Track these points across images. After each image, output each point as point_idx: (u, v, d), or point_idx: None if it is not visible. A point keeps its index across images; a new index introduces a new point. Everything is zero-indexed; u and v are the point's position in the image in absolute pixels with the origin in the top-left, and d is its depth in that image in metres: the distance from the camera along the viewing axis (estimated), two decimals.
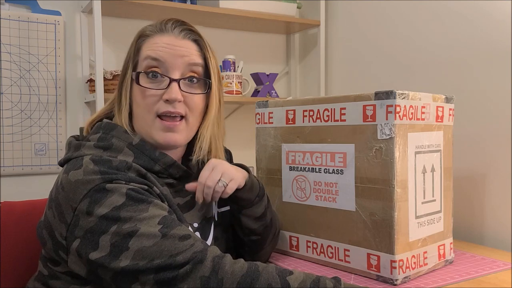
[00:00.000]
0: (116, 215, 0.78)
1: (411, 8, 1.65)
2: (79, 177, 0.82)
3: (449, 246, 1.12)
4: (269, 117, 1.23)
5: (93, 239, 0.78)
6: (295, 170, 1.17)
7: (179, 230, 0.79)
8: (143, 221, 0.78)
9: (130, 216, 0.78)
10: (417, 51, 1.63)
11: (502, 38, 1.34)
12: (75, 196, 0.80)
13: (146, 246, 0.76)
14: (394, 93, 0.96)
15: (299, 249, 1.17)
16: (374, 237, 1.00)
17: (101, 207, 0.78)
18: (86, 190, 0.80)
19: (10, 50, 1.68)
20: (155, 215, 0.79)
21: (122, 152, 0.89)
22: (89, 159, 0.84)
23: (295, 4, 2.04)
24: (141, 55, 0.94)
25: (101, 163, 0.83)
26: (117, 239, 0.77)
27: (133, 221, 0.77)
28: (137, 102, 0.93)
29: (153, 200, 0.82)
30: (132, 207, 0.79)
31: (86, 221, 0.79)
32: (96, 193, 0.80)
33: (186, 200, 0.98)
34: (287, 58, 2.27)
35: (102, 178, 0.81)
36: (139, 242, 0.76)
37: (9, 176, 1.70)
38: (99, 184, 0.80)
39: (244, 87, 1.99)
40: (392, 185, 0.97)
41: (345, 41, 1.99)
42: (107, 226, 0.77)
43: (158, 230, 0.77)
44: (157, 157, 0.92)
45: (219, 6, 1.83)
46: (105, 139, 0.90)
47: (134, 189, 0.81)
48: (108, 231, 0.77)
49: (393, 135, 0.97)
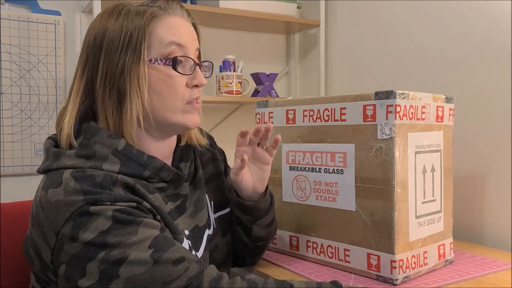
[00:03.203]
0: (103, 241, 0.72)
1: (411, 8, 1.65)
2: (59, 197, 0.74)
3: (449, 246, 1.12)
4: (269, 117, 1.23)
5: (79, 265, 0.72)
6: (295, 170, 1.17)
7: (172, 252, 0.73)
8: (133, 246, 0.72)
9: (118, 242, 0.72)
10: (417, 51, 1.63)
11: (502, 38, 1.34)
12: (57, 219, 0.74)
13: (137, 274, 0.71)
14: (394, 93, 0.96)
15: (299, 249, 1.17)
16: (374, 237, 1.00)
17: (86, 232, 0.72)
18: (69, 213, 0.73)
19: (10, 50, 1.68)
20: (145, 237, 0.73)
21: (107, 160, 0.81)
22: (70, 175, 0.76)
23: (295, 4, 2.04)
24: (158, 39, 0.84)
25: (83, 180, 0.75)
26: (105, 266, 0.71)
27: (122, 247, 0.72)
28: (159, 91, 0.84)
29: (142, 220, 0.75)
30: (120, 230, 0.73)
31: (71, 247, 0.73)
32: (80, 216, 0.73)
33: (177, 205, 0.92)
34: (287, 58, 2.27)
35: (84, 200, 0.73)
36: (129, 269, 0.71)
37: (9, 176, 1.71)
38: (82, 206, 0.73)
39: (244, 87, 1.99)
40: (392, 185, 0.97)
41: (345, 41, 1.99)
42: (94, 252, 0.72)
43: (149, 255, 0.72)
44: (146, 162, 0.84)
45: (219, 6, 1.83)
46: (87, 146, 0.81)
47: (121, 210, 0.74)
48: (96, 258, 0.71)
49: (393, 135, 0.97)
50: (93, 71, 0.84)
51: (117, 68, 0.81)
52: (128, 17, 0.83)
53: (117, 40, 0.82)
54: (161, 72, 0.84)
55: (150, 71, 0.83)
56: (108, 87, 0.82)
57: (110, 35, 0.82)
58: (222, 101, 1.97)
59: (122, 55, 0.81)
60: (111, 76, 0.82)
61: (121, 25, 0.82)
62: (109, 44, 0.82)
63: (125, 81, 0.81)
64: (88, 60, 0.84)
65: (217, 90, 1.95)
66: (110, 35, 0.82)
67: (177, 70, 0.85)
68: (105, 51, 0.82)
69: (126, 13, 0.83)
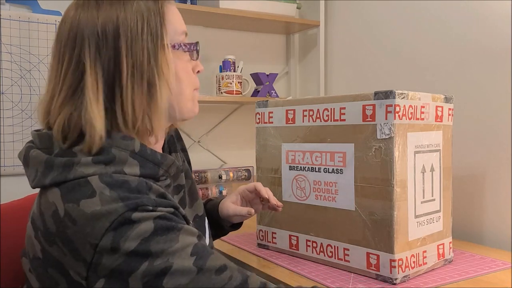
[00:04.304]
0: (146, 250, 0.67)
1: (411, 8, 1.65)
2: (96, 207, 0.68)
3: (449, 246, 1.13)
4: (269, 116, 1.23)
5: (121, 278, 0.67)
6: (295, 170, 1.17)
7: (213, 260, 0.70)
8: (175, 254, 0.68)
9: (161, 250, 0.68)
10: (417, 51, 1.63)
11: (502, 38, 1.34)
12: (94, 231, 0.68)
13: (182, 285, 0.67)
14: (393, 93, 0.97)
15: (298, 248, 1.17)
16: (374, 236, 1.01)
17: (127, 241, 0.67)
18: (109, 222, 0.68)
19: (11, 50, 1.69)
20: (186, 244, 0.70)
21: (127, 163, 0.75)
22: (102, 183, 0.71)
23: (295, 5, 2.04)
24: (172, 27, 0.81)
25: (118, 186, 0.71)
26: (149, 278, 0.67)
27: (165, 255, 0.68)
28: (180, 77, 0.82)
29: (182, 227, 0.72)
30: (162, 237, 0.68)
31: (111, 259, 0.67)
32: (121, 225, 0.68)
33: (181, 197, 0.92)
34: (287, 58, 2.27)
35: (125, 206, 0.68)
36: (174, 280, 0.67)
37: (9, 176, 1.71)
38: (122, 213, 0.68)
39: (244, 87, 1.99)
40: (391, 185, 0.97)
41: (344, 41, 1.99)
42: (137, 263, 0.67)
43: (193, 263, 0.68)
44: (160, 160, 0.81)
45: (219, 6, 1.84)
46: (103, 151, 0.74)
47: (161, 216, 0.70)
48: (139, 270, 0.67)
49: (392, 134, 0.97)
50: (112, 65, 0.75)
51: (143, 56, 0.75)
52: (139, 2, 0.77)
53: (135, 27, 0.75)
54: (180, 59, 0.83)
55: (173, 58, 0.80)
56: (137, 79, 0.76)
57: (126, 23, 0.75)
58: (222, 101, 1.97)
59: (145, 42, 0.76)
60: (139, 66, 0.75)
61: (135, 10, 0.76)
62: (128, 33, 0.75)
63: (153, 69, 0.76)
64: (100, 55, 0.75)
65: (217, 90, 1.95)
66: (126, 22, 0.75)
67: (193, 57, 0.85)
68: (126, 41, 0.75)
69: None
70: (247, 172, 1.83)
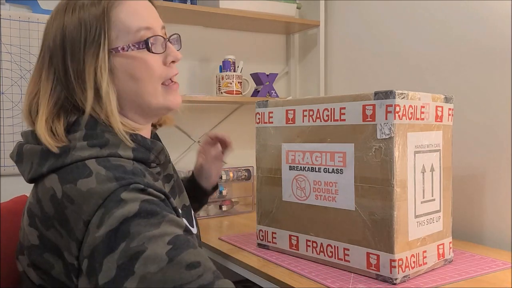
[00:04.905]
0: (126, 230, 0.68)
1: (411, 8, 1.65)
2: (92, 185, 0.71)
3: (449, 246, 1.13)
4: (269, 116, 1.23)
5: (98, 260, 0.68)
6: (295, 170, 1.17)
7: (189, 254, 0.68)
8: (152, 239, 0.68)
9: (139, 232, 0.68)
10: (417, 51, 1.63)
11: (502, 38, 1.34)
12: (89, 208, 0.70)
13: (150, 273, 0.65)
14: (393, 93, 0.97)
15: (298, 248, 1.17)
16: (374, 236, 1.01)
17: (110, 218, 0.68)
18: (102, 199, 0.70)
19: (11, 50, 1.69)
20: (166, 233, 0.69)
21: (120, 147, 0.79)
22: (98, 165, 0.74)
23: (294, 5, 2.04)
24: (124, 27, 0.83)
25: (114, 168, 0.74)
26: (124, 260, 0.66)
27: (142, 239, 0.67)
28: (138, 76, 0.83)
29: (167, 215, 0.72)
30: (144, 220, 0.69)
31: (93, 237, 0.69)
32: (110, 202, 0.70)
33: (172, 185, 0.94)
34: (287, 58, 2.27)
35: (118, 184, 0.71)
36: (144, 266, 0.66)
37: (9, 176, 1.71)
38: (115, 190, 0.70)
39: (244, 87, 1.99)
40: (391, 185, 0.97)
41: (345, 41, 1.99)
42: (115, 244, 0.67)
43: (166, 252, 0.67)
44: (150, 145, 0.84)
45: (219, 6, 1.84)
46: (95, 136, 0.79)
47: (149, 200, 0.72)
48: (116, 250, 0.67)
49: (392, 134, 0.97)
50: (62, 73, 0.82)
51: (84, 64, 0.80)
52: (84, 9, 0.81)
53: (78, 36, 0.80)
54: (135, 58, 0.83)
55: (123, 60, 0.83)
56: (82, 85, 0.80)
57: (70, 33, 0.81)
58: (222, 101, 1.97)
59: (87, 50, 0.80)
60: (81, 74, 0.80)
61: (78, 19, 0.81)
62: (72, 43, 0.81)
63: (96, 75, 0.80)
64: (52, 63, 0.83)
65: (217, 90, 1.95)
66: (69, 32, 0.81)
67: (152, 51, 0.84)
68: (70, 51, 0.81)
69: (81, 6, 0.82)
70: (247, 172, 1.83)
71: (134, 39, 0.83)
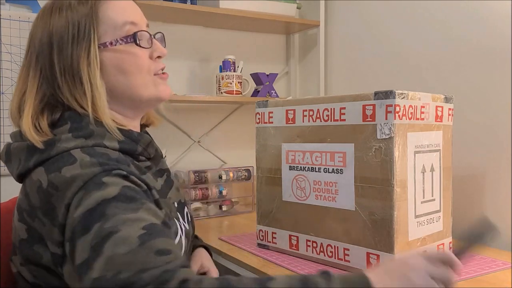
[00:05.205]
0: (102, 210, 0.68)
1: (411, 8, 1.65)
2: (75, 171, 0.72)
3: (449, 246, 1.13)
4: (269, 116, 1.23)
5: (73, 243, 0.68)
6: (295, 170, 1.17)
7: (161, 242, 0.67)
8: (126, 222, 0.67)
9: (114, 214, 0.68)
10: (417, 51, 1.63)
11: (502, 38, 1.34)
12: (69, 192, 0.71)
13: (118, 254, 0.64)
14: (393, 93, 0.97)
15: (299, 248, 1.17)
16: (374, 236, 1.01)
17: (89, 199, 0.69)
18: (83, 182, 0.71)
19: (11, 50, 1.69)
20: (142, 219, 0.69)
21: (106, 137, 0.81)
22: (83, 153, 0.75)
23: (295, 5, 2.04)
24: (112, 22, 0.85)
25: (98, 156, 0.75)
26: (97, 241, 0.66)
27: (116, 221, 0.67)
28: (127, 69, 0.85)
29: (146, 203, 0.73)
30: (122, 204, 0.69)
31: (72, 218, 0.70)
32: (91, 184, 0.71)
33: (165, 179, 0.95)
34: (287, 58, 2.27)
35: (102, 168, 0.73)
36: (114, 246, 0.65)
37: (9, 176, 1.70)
38: (98, 174, 0.72)
39: (244, 87, 1.99)
40: (391, 185, 0.97)
41: (345, 41, 1.99)
42: (90, 224, 0.67)
43: (138, 236, 0.66)
44: (137, 137, 0.86)
45: (219, 6, 1.84)
46: (80, 128, 0.80)
47: (131, 187, 0.73)
48: (90, 231, 0.67)
49: (392, 134, 0.97)
50: (49, 70, 0.84)
51: (72, 60, 0.82)
52: (72, 9, 0.84)
53: (66, 34, 0.83)
54: (124, 52, 0.86)
55: (111, 54, 0.85)
56: (70, 81, 0.82)
57: (58, 31, 0.83)
58: (222, 101, 1.97)
59: (75, 47, 0.82)
60: (69, 70, 0.82)
61: (66, 18, 0.83)
62: (59, 40, 0.83)
63: (85, 71, 0.82)
64: (38, 61, 0.84)
65: (217, 90, 1.95)
66: (57, 31, 0.83)
67: (139, 44, 0.87)
68: (57, 48, 0.83)
69: (68, 6, 0.84)
70: (247, 172, 1.83)
71: (121, 34, 0.86)
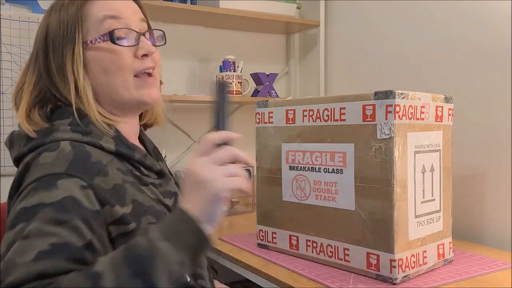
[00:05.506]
0: (34, 212, 0.67)
1: (411, 8, 1.65)
2: (49, 159, 0.73)
3: (449, 246, 1.13)
4: (269, 116, 1.23)
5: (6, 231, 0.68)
6: (295, 170, 1.17)
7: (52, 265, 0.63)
8: (40, 232, 0.65)
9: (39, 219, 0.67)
10: (417, 51, 1.63)
11: (502, 38, 1.34)
12: (29, 178, 0.73)
13: (13, 261, 0.63)
14: (393, 93, 0.97)
15: (298, 248, 1.17)
16: (374, 236, 1.01)
17: (32, 198, 0.69)
18: (42, 174, 0.71)
19: (11, 50, 1.69)
20: (58, 235, 0.66)
21: (103, 139, 0.81)
22: (69, 145, 0.76)
23: (295, 5, 2.04)
24: (94, 19, 0.84)
25: (79, 153, 0.75)
26: (12, 240, 0.66)
27: (35, 226, 0.66)
28: (106, 68, 0.84)
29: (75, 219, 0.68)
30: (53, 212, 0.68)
31: (14, 209, 0.70)
32: (45, 182, 0.71)
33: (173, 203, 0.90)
34: (287, 58, 2.27)
35: (65, 170, 0.72)
36: (14, 252, 0.64)
37: (9, 176, 1.71)
38: (57, 174, 0.71)
39: (244, 87, 1.99)
40: (391, 185, 0.97)
41: (345, 41, 1.99)
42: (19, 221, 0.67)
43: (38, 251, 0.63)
44: (132, 146, 0.85)
45: (219, 6, 1.84)
46: (81, 125, 0.81)
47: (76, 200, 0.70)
48: (15, 229, 0.67)
49: (392, 134, 0.97)
50: (45, 67, 0.85)
51: (62, 59, 0.84)
52: (63, 8, 0.85)
53: (58, 34, 0.84)
54: (105, 50, 0.84)
55: (94, 52, 0.84)
56: (61, 79, 0.84)
57: (52, 31, 0.85)
58: None
59: (64, 46, 0.84)
60: (60, 68, 0.84)
61: (59, 17, 0.85)
62: (53, 40, 0.85)
63: (70, 70, 0.83)
64: (38, 58, 0.87)
65: None
66: (52, 31, 0.85)
67: (116, 43, 0.84)
68: (52, 47, 0.85)
69: (62, 5, 0.86)
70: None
71: (101, 31, 0.84)
